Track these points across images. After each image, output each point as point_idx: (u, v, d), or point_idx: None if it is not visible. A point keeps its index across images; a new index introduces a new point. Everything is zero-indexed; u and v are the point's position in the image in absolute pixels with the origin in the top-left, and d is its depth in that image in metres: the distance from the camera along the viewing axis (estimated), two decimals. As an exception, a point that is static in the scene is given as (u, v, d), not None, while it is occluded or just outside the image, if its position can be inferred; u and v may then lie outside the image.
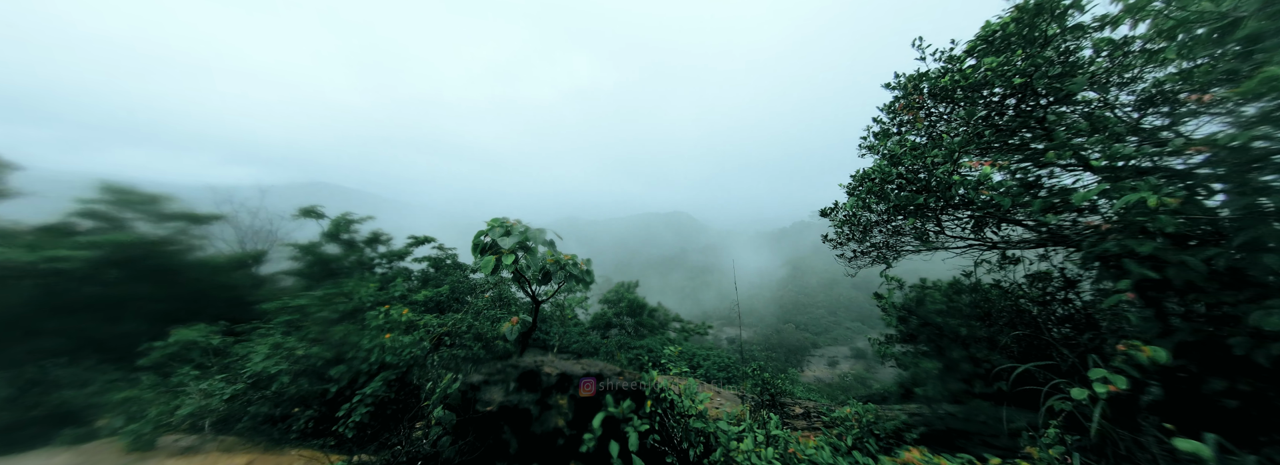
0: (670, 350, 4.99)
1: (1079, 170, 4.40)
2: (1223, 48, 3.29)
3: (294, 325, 6.70)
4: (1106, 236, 3.39)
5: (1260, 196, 2.79)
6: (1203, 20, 3.28)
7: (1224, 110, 3.63)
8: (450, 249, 18.92)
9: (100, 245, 11.60)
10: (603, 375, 4.41)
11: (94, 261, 10.81)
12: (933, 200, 4.65)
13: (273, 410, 5.44)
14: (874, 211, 5.69)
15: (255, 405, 5.45)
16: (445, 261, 18.43)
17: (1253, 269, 2.72)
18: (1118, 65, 4.21)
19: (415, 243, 18.41)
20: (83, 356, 9.19)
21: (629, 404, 3.55)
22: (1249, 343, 2.63)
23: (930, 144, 5.12)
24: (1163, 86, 3.96)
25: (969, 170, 4.57)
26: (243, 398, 5.47)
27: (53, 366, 8.54)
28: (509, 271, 4.40)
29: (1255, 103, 3.33)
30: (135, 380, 7.22)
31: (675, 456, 3.48)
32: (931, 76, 5.28)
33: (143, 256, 12.03)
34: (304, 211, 16.83)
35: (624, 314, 16.76)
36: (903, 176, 4.98)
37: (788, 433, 3.72)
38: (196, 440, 5.33)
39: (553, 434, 4.00)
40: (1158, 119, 4.14)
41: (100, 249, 11.44)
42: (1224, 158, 3.10)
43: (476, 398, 4.35)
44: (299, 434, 5.33)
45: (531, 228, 4.71)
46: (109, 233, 12.91)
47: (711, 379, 10.81)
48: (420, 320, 7.02)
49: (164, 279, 12.31)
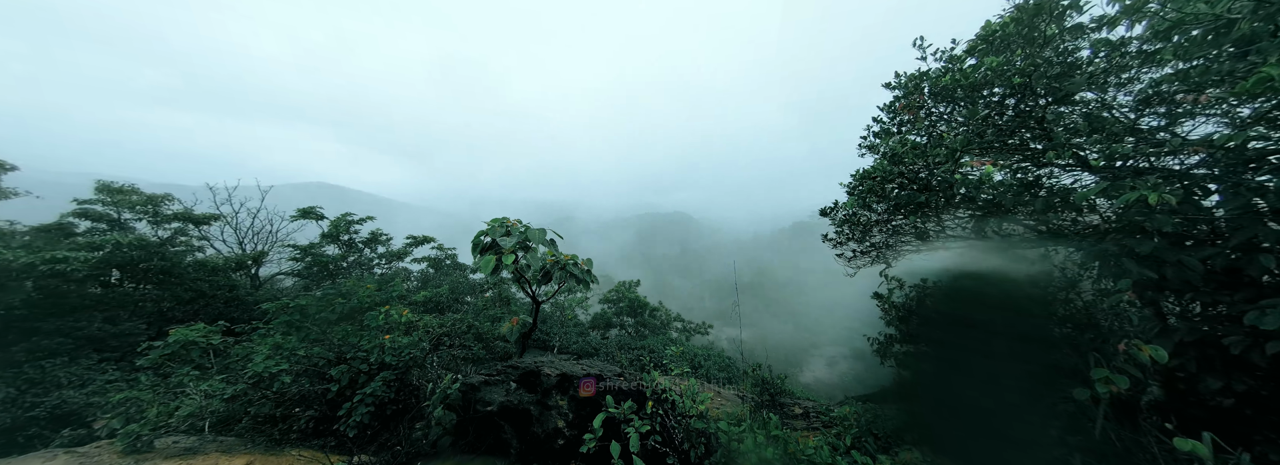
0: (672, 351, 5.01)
1: (1078, 170, 4.42)
2: (1218, 49, 3.31)
3: (294, 326, 6.70)
4: (1105, 236, 3.42)
5: (1255, 197, 2.81)
6: (1198, 22, 3.31)
7: (1220, 111, 3.65)
8: (450, 249, 18.92)
9: (99, 246, 11.61)
10: (603, 376, 4.42)
11: (94, 262, 10.81)
12: (934, 199, 4.68)
13: (273, 411, 5.44)
14: (874, 211, 5.71)
15: (255, 406, 5.45)
16: (444, 262, 18.43)
17: (1249, 269, 2.74)
18: (1115, 66, 4.24)
19: (414, 243, 18.42)
20: (82, 356, 9.19)
21: (630, 405, 3.56)
22: (1245, 342, 2.65)
23: (931, 143, 5.14)
24: (1160, 87, 3.99)
25: (970, 169, 4.59)
26: (243, 398, 5.47)
27: (52, 366, 8.54)
28: (509, 272, 4.41)
29: (1250, 103, 3.36)
30: (134, 380, 7.22)
31: (676, 457, 3.49)
32: (932, 76, 5.30)
33: (142, 257, 12.03)
34: (303, 212, 16.84)
35: (624, 314, 16.75)
36: (904, 175, 5.00)
37: (788, 433, 3.73)
38: (196, 441, 5.33)
39: (553, 434, 4.01)
40: (1155, 119, 4.16)
41: (100, 250, 11.45)
42: (1220, 158, 3.13)
43: (477, 398, 4.36)
44: (299, 434, 5.33)
45: (531, 228, 4.72)
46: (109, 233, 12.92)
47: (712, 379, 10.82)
48: (420, 321, 7.02)
49: (163, 280, 12.31)
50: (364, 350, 5.70)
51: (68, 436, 6.56)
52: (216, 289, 12.70)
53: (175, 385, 5.88)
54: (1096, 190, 3.45)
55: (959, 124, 5.24)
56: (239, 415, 5.53)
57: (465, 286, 15.48)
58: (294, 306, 7.04)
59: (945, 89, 4.98)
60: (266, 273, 17.18)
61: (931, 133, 5.55)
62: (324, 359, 5.65)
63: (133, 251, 11.96)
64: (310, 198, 18.56)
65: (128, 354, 9.37)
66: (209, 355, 6.75)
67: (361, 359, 5.61)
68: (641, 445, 3.31)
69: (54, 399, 7.55)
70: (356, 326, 6.70)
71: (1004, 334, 3.61)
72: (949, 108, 5.35)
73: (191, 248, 15.65)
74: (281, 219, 17.57)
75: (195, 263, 13.49)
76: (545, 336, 13.13)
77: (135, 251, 12.02)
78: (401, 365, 5.65)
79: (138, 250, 12.06)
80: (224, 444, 5.26)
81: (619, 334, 16.40)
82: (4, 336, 9.10)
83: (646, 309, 16.69)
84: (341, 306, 7.14)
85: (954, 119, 5.35)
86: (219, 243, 16.69)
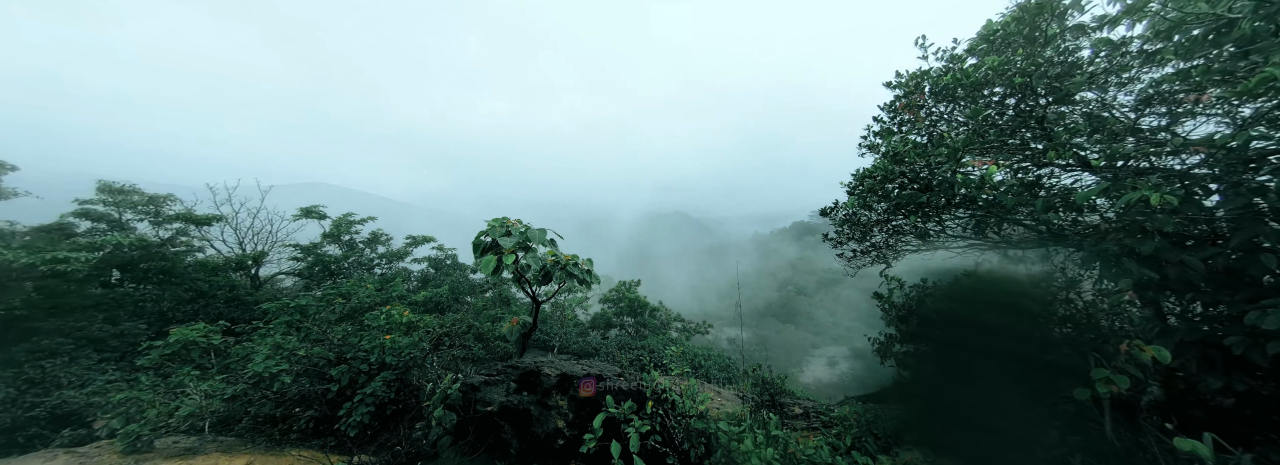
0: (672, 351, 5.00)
1: (1078, 170, 4.42)
2: (1219, 48, 3.31)
3: (294, 325, 6.71)
4: (1106, 236, 3.41)
5: (1256, 197, 2.81)
6: (1199, 21, 3.30)
7: (1221, 111, 3.65)
8: (450, 249, 18.93)
9: (100, 246, 11.62)
10: (603, 376, 4.42)
11: (94, 263, 10.82)
12: (934, 199, 4.67)
13: (273, 411, 5.44)
14: (875, 210, 5.70)
15: (255, 406, 5.45)
16: (445, 262, 18.43)
17: (1250, 269, 2.73)
18: (1116, 65, 4.23)
19: (414, 243, 18.42)
20: (82, 356, 9.19)
21: (630, 405, 3.56)
22: (1246, 342, 2.64)
23: (932, 143, 5.14)
24: (1160, 87, 3.98)
25: (971, 169, 4.59)
26: (243, 398, 5.47)
27: (52, 367, 8.54)
28: (510, 272, 4.41)
29: (1251, 103, 3.35)
30: (134, 380, 7.22)
31: (676, 457, 3.49)
32: (933, 75, 5.30)
33: (143, 257, 12.04)
34: (305, 212, 16.84)
35: (624, 314, 16.74)
36: (904, 175, 5.00)
37: (788, 433, 3.73)
38: (196, 441, 5.33)
39: (553, 434, 4.01)
40: (1156, 119, 4.16)
41: (100, 250, 11.46)
42: (1221, 158, 3.12)
43: (477, 398, 4.36)
44: (299, 434, 5.33)
45: (532, 228, 4.72)
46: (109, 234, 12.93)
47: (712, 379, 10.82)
48: (420, 321, 7.03)
49: (164, 280, 12.32)
50: (364, 350, 5.70)
51: (68, 436, 6.57)
52: (216, 289, 12.70)
53: (175, 385, 5.89)
54: (1098, 190, 3.45)
55: (960, 123, 5.24)
56: (239, 415, 5.53)
57: (465, 286, 15.49)
58: (294, 306, 7.05)
59: (946, 88, 4.97)
60: (266, 273, 17.18)
61: (932, 132, 5.55)
62: (324, 359, 5.65)
63: (133, 252, 11.97)
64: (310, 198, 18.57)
65: (128, 354, 9.38)
66: (209, 355, 6.76)
67: (362, 359, 5.62)
68: (641, 445, 3.31)
69: (54, 399, 7.56)
70: (357, 326, 6.70)
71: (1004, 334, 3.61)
72: (949, 107, 5.34)
73: (192, 248, 15.66)
74: (282, 219, 17.56)
75: (196, 263, 13.51)
76: (545, 336, 13.13)
77: (136, 252, 12.03)
78: (402, 365, 5.65)
79: (138, 250, 12.07)
80: (224, 444, 5.26)
81: (619, 334, 16.39)
82: (4, 336, 9.11)
83: (646, 309, 16.68)
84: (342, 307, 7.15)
85: (954, 118, 5.35)
86: (219, 243, 16.68)
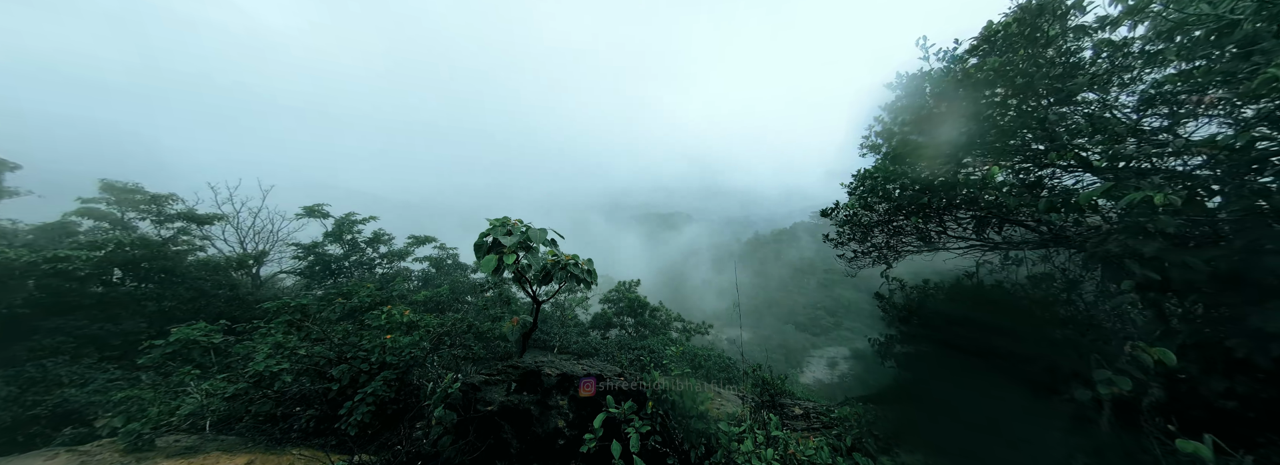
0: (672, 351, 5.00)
1: (1080, 171, 4.41)
2: (1221, 49, 3.30)
3: (295, 325, 6.71)
4: (1109, 237, 3.40)
5: (1259, 199, 2.80)
6: (1201, 22, 3.30)
7: (1223, 112, 3.64)
8: (451, 248, 18.94)
9: (101, 245, 11.64)
10: (603, 376, 4.42)
11: (96, 262, 10.84)
12: (936, 199, 4.67)
13: (274, 409, 5.45)
14: (876, 211, 5.70)
15: (256, 405, 5.46)
16: (446, 261, 18.44)
17: (1254, 271, 2.72)
18: (1118, 66, 4.22)
19: (416, 242, 18.43)
20: (84, 355, 9.21)
21: (630, 405, 3.56)
22: (1249, 344, 2.64)
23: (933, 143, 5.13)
24: (1162, 88, 3.97)
25: (972, 170, 4.58)
26: (244, 397, 5.48)
27: (54, 365, 8.56)
28: (510, 272, 4.41)
29: (1254, 104, 3.34)
30: (135, 379, 7.24)
31: (676, 457, 3.49)
32: (934, 76, 5.29)
33: (144, 256, 12.06)
34: (308, 210, 16.85)
35: (625, 314, 16.74)
36: (906, 175, 5.00)
37: (788, 433, 3.72)
38: (197, 440, 5.34)
39: (553, 434, 4.01)
40: (1158, 120, 4.15)
41: (102, 249, 11.48)
42: (1223, 159, 3.11)
43: (477, 398, 4.36)
44: (300, 433, 5.34)
45: (533, 227, 4.71)
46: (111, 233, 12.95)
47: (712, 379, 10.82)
48: (421, 320, 7.03)
49: (165, 279, 12.34)
50: (365, 350, 5.71)
51: (69, 435, 6.57)
52: (217, 288, 12.73)
53: (176, 384, 5.90)
54: (1100, 191, 3.44)
55: (961, 124, 5.23)
56: (240, 414, 5.53)
57: (466, 286, 15.50)
58: (295, 306, 7.06)
59: (947, 89, 4.97)
60: (267, 272, 17.20)
61: (933, 133, 5.54)
62: (325, 358, 5.66)
63: (134, 251, 11.99)
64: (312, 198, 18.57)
65: (129, 353, 9.39)
66: (210, 354, 6.77)
67: (362, 358, 5.62)
68: (641, 445, 3.31)
69: (55, 398, 7.57)
70: (357, 326, 6.71)
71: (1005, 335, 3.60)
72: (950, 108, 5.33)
73: (193, 247, 15.68)
74: (283, 219, 17.58)
75: (197, 262, 13.53)
76: (546, 336, 13.14)
77: (137, 251, 12.05)
78: (402, 365, 5.65)
79: (139, 249, 12.09)
80: (225, 443, 5.26)
81: (619, 334, 16.39)
82: (6, 335, 9.13)
83: (647, 309, 16.68)
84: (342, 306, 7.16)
85: (955, 119, 5.34)
86: (220, 242, 16.71)
